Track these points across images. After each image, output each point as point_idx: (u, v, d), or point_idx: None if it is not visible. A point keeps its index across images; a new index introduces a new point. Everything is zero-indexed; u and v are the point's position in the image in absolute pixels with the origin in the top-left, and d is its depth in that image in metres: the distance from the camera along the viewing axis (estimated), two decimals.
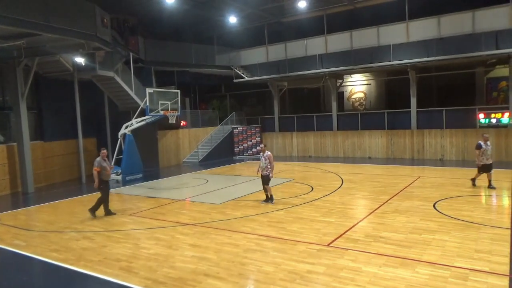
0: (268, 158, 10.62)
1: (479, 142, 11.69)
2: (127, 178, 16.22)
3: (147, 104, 16.14)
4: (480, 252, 6.47)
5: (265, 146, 11.90)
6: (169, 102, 16.92)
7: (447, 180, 13.65)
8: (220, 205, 10.94)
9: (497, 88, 20.93)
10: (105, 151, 10.46)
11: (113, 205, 11.93)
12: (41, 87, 17.11)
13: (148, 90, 16.36)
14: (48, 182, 16.60)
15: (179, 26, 22.57)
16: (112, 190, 14.34)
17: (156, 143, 20.57)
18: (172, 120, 17.38)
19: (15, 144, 15.16)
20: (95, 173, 9.96)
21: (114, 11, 17.65)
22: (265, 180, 10.67)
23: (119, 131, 16.94)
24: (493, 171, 11.60)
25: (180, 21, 21.79)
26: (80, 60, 16.19)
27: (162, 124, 19.74)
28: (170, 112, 16.97)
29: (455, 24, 17.84)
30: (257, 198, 11.57)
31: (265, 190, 10.78)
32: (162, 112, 16.60)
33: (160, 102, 16.59)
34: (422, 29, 18.69)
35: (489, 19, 17.03)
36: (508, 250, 6.52)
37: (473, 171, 12.40)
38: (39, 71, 16.41)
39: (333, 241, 7.36)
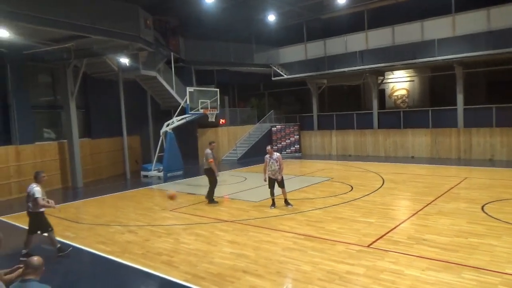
0: (279, 160, 10.02)
1: None
2: (168, 174, 16.69)
3: (188, 102, 16.50)
4: None
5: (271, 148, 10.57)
6: (208, 101, 17.22)
7: (497, 181, 12.91)
8: (258, 203, 11.01)
9: None
10: (214, 143, 11.91)
11: (154, 201, 12.37)
12: (88, 87, 17.97)
13: (189, 89, 16.73)
14: (95, 178, 17.44)
15: (218, 26, 22.88)
16: (154, 186, 14.90)
17: (196, 141, 21.01)
18: (212, 118, 17.67)
19: (65, 141, 16.05)
20: (212, 165, 10.95)
21: (156, 13, 18.22)
22: (281, 183, 10.15)
23: (160, 129, 17.46)
24: None
25: (219, 20, 22.08)
26: (124, 60, 16.86)
27: (202, 122, 20.13)
28: (209, 111, 17.26)
29: (505, 16, 16.77)
30: (295, 196, 11.50)
31: (273, 194, 10.22)
32: (202, 111, 16.91)
33: (200, 100, 16.92)
34: (470, 22, 17.71)
35: None
36: None
37: None
38: (87, 72, 17.25)
39: (373, 242, 7.19)
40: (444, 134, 19.35)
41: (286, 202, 10.27)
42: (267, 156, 10.11)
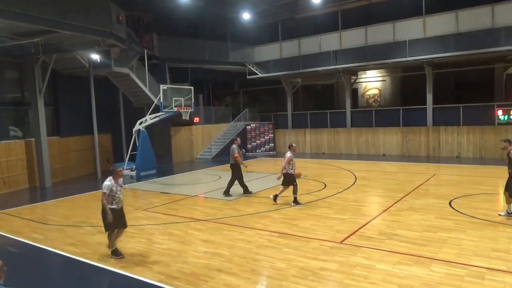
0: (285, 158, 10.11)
1: None
2: (141, 174, 16.39)
3: (161, 100, 16.25)
4: (498, 251, 6.33)
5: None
6: (182, 99, 17.01)
7: (464, 177, 13.40)
8: (232, 201, 10.97)
9: None
10: (238, 139, 12.35)
11: (127, 200, 12.08)
12: (58, 83, 17.39)
13: (162, 87, 16.47)
14: (64, 177, 16.90)
15: (193, 23, 22.67)
16: (126, 186, 14.55)
17: (170, 139, 20.74)
18: (186, 117, 17.47)
19: (32, 139, 15.46)
20: (238, 158, 11.37)
21: (129, 8, 17.82)
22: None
23: (133, 127, 17.12)
24: None
25: (194, 18, 21.89)
26: (95, 56, 16.40)
27: (176, 121, 19.88)
28: (183, 109, 17.06)
29: (473, 19, 17.43)
30: (269, 194, 11.52)
31: (295, 192, 10.18)
32: (175, 109, 16.70)
33: (174, 98, 16.68)
34: (439, 24, 18.32)
35: (509, 14, 16.59)
36: None
37: (491, 169, 12.15)
38: (56, 68, 16.68)
39: (346, 238, 7.30)
40: (414, 133, 19.91)
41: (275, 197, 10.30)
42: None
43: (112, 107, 19.81)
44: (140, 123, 16.97)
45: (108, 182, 6.79)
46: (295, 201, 10.09)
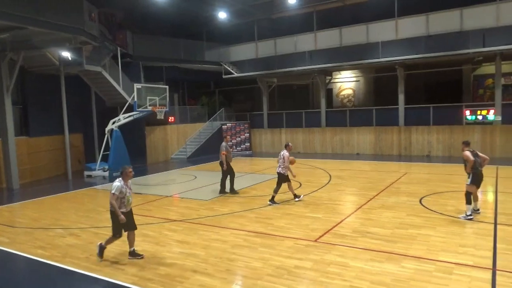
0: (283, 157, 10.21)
1: None
2: (114, 174, 16.00)
3: (135, 99, 15.98)
4: (465, 246, 6.57)
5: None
6: (157, 98, 16.78)
7: (433, 176, 13.83)
8: (208, 201, 10.91)
9: (483, 85, 21.26)
10: (228, 136, 12.21)
11: (100, 202, 11.83)
12: (26, 81, 16.80)
13: (136, 86, 16.19)
14: (33, 178, 16.34)
15: (168, 21, 22.37)
16: (98, 186, 14.27)
17: (144, 139, 20.41)
18: (161, 116, 17.24)
19: None
20: (223, 157, 11.27)
21: (102, 5, 17.42)
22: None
23: (106, 126, 16.74)
24: None
25: (169, 16, 21.59)
26: (67, 54, 15.93)
27: (150, 120, 19.58)
28: (158, 108, 16.84)
29: (443, 21, 18.01)
30: (245, 194, 11.57)
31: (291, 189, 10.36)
32: (150, 108, 16.45)
33: (148, 97, 16.43)
34: (411, 26, 18.82)
35: (477, 17, 17.23)
36: (492, 244, 6.63)
37: (459, 167, 12.48)
38: (24, 66, 16.10)
39: (320, 236, 7.40)
40: (386, 132, 20.39)
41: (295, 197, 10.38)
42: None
43: (84, 106, 19.30)
44: (113, 123, 16.62)
45: (118, 183, 6.58)
46: (272, 200, 10.17)
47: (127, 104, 16.87)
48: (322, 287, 5.32)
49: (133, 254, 6.71)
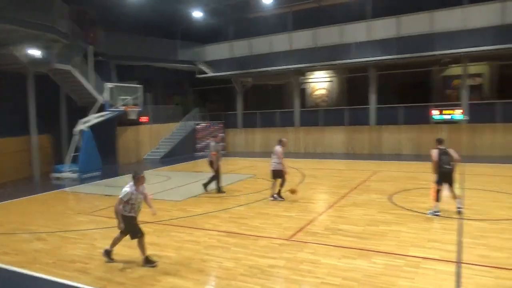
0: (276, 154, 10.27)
1: None
2: (84, 176, 15.65)
3: (107, 99, 15.61)
4: (432, 241, 6.79)
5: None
6: (130, 98, 16.47)
7: (402, 173, 14.21)
8: (181, 202, 10.80)
9: (451, 86, 22.03)
10: (219, 136, 12.42)
11: (69, 205, 11.50)
12: None
13: (108, 85, 15.84)
14: None
15: (141, 20, 21.95)
16: (67, 189, 13.85)
17: (115, 139, 19.97)
18: (133, 116, 16.95)
19: None
20: (213, 157, 11.33)
21: (73, 2, 16.93)
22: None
23: (76, 127, 16.26)
24: None
25: (143, 14, 21.21)
26: (35, 52, 15.36)
27: (122, 120, 19.17)
28: (131, 108, 16.53)
29: (413, 24, 18.53)
30: (219, 194, 11.51)
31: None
32: (122, 108, 16.13)
33: (120, 97, 16.11)
34: (383, 28, 19.27)
35: (445, 21, 17.81)
36: (457, 238, 6.88)
37: (427, 165, 12.85)
38: None
39: (293, 235, 7.46)
40: (358, 131, 20.80)
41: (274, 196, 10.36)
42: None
43: (52, 106, 18.67)
44: (84, 123, 16.18)
45: (128, 188, 6.25)
46: (277, 195, 10.27)
47: (98, 104, 16.45)
48: (295, 285, 5.36)
49: (147, 261, 6.29)
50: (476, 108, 18.64)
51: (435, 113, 19.13)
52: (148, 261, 6.28)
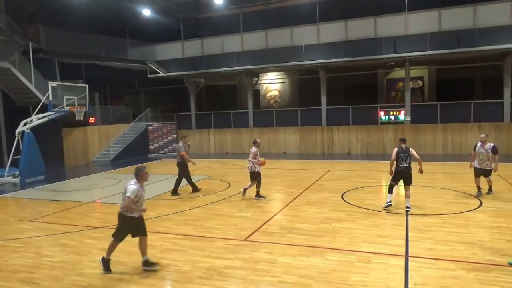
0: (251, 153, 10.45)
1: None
2: (26, 180, 14.67)
3: (50, 99, 14.76)
4: (382, 236, 7.11)
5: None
6: (76, 97, 15.69)
7: (353, 172, 14.77)
8: None
9: (395, 88, 23.26)
10: (188, 136, 12.41)
11: (9, 210, 10.73)
12: None
13: (51, 84, 14.98)
14: None
15: (87, 16, 20.97)
16: (8, 194, 12.92)
17: (61, 141, 18.93)
18: (80, 117, 16.16)
19: None
20: (186, 156, 11.42)
21: None
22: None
23: (16, 128, 15.21)
24: (490, 177, 9.89)
25: (88, 10, 20.28)
26: None
27: (68, 121, 18.20)
28: (77, 108, 15.76)
29: (359, 28, 19.34)
30: (173, 196, 11.30)
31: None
32: (67, 108, 15.33)
33: (65, 97, 15.29)
34: (332, 31, 19.91)
35: (388, 26, 18.79)
36: (404, 233, 7.26)
37: (375, 164, 13.55)
38: None
39: (250, 235, 7.48)
40: (310, 132, 21.33)
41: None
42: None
43: None
44: (25, 124, 15.17)
45: (134, 185, 5.92)
46: (258, 195, 10.49)
47: (40, 104, 15.51)
48: (252, 285, 5.38)
49: (147, 263, 6.02)
50: (418, 110, 19.83)
51: (382, 114, 20.09)
52: (149, 264, 6.01)
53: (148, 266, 6.01)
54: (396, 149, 8.89)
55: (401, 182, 9.01)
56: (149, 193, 11.64)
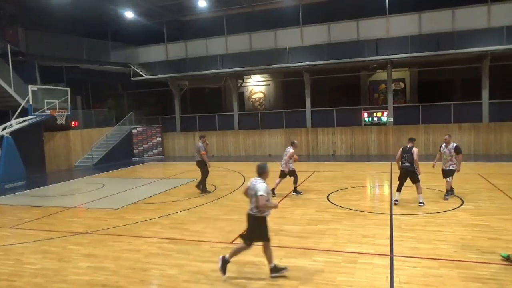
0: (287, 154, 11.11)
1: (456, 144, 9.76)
2: (6, 186, 14.32)
3: (30, 102, 14.46)
4: (367, 236, 7.19)
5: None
6: (57, 101, 15.42)
7: (338, 173, 14.90)
8: (118, 210, 10.30)
9: (378, 90, 23.59)
10: (206, 137, 12.82)
11: None
12: None
13: (31, 87, 14.67)
14: None
15: (68, 18, 20.63)
16: None
17: (42, 146, 18.53)
18: (61, 121, 15.87)
19: None
20: (204, 157, 11.83)
21: None
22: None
23: None
24: (450, 179, 9.83)
25: (69, 12, 19.94)
26: None
27: (49, 125, 17.85)
28: (58, 112, 15.47)
29: (342, 31, 19.55)
30: (159, 200, 11.19)
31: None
32: (48, 112, 15.04)
33: (46, 100, 15.00)
34: (315, 34, 20.08)
35: (370, 29, 19.06)
36: (389, 233, 7.36)
37: (359, 165, 13.70)
38: None
39: (236, 238, 7.45)
40: (296, 134, 21.42)
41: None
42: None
43: None
44: (4, 129, 14.81)
45: (263, 183, 5.61)
46: (296, 191, 11.16)
47: (20, 108, 15.17)
48: None
49: (276, 270, 5.64)
50: (400, 111, 20.15)
51: (365, 116, 20.35)
52: (277, 269, 5.65)
53: (277, 272, 5.63)
54: (401, 148, 9.40)
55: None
56: (133, 198, 11.56)
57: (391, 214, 8.63)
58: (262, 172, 5.83)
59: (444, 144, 9.88)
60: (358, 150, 20.28)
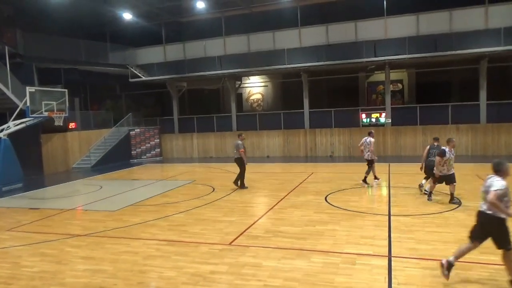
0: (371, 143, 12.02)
1: (444, 148, 9.32)
2: (4, 188, 14.27)
3: (28, 104, 14.43)
4: (365, 238, 7.18)
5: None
6: (54, 103, 15.39)
7: (336, 174, 14.91)
8: (116, 212, 10.28)
9: (376, 91, 23.62)
10: (243, 134, 13.28)
11: None
12: None
13: (29, 89, 14.65)
14: None
15: (66, 20, 20.60)
16: None
17: (40, 148, 18.49)
18: (59, 122, 15.85)
19: None
20: (242, 154, 12.38)
21: None
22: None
23: None
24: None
25: (67, 14, 19.92)
26: None
27: (47, 127, 17.81)
28: (56, 114, 15.45)
29: (340, 32, 19.59)
30: (157, 202, 11.17)
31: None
32: (46, 114, 15.01)
33: (44, 102, 14.98)
34: (313, 35, 20.11)
35: (369, 30, 19.09)
36: (387, 234, 7.36)
37: (358, 166, 13.68)
38: None
39: (235, 239, 7.46)
40: (294, 135, 21.44)
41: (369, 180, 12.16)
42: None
43: None
44: (1, 131, 14.77)
45: (503, 181, 4.93)
46: (365, 180, 12.09)
47: (18, 110, 15.13)
48: None
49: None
50: (398, 112, 20.18)
51: (363, 117, 20.37)
52: None
53: None
54: (428, 146, 10.20)
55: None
56: (131, 200, 11.54)
57: (390, 215, 8.63)
58: (500, 169, 5.12)
59: (448, 149, 9.19)
60: (356, 151, 20.21)
